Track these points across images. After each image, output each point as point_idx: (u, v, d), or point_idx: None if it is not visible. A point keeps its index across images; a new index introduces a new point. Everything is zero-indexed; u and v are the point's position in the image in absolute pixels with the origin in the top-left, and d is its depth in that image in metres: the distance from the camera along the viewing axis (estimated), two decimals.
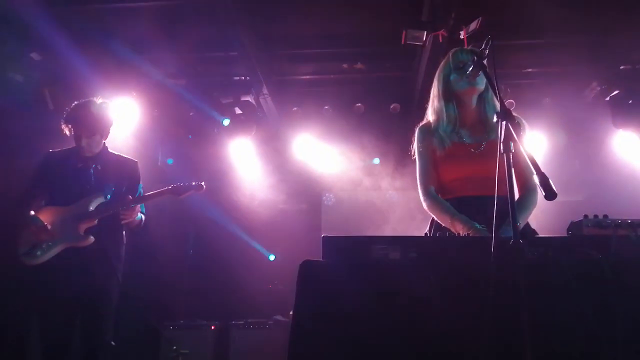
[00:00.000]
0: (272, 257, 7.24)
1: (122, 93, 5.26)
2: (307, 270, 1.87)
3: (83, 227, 3.25)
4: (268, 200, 7.52)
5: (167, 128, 6.12)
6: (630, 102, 5.31)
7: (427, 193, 2.45)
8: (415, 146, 2.57)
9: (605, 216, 1.82)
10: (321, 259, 1.88)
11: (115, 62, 5.05)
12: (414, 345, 1.74)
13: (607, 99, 5.46)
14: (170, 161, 6.39)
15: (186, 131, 6.33)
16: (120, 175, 3.45)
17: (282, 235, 7.30)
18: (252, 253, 7.22)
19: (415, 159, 2.56)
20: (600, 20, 4.65)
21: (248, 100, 5.64)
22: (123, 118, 5.23)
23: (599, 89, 5.50)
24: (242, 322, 5.48)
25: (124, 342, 3.70)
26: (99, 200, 3.33)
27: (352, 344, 1.77)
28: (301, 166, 7.06)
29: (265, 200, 7.43)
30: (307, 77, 5.89)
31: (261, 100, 5.85)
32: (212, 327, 5.42)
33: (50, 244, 3.20)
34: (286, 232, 7.33)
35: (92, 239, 3.23)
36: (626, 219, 1.77)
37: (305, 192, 7.86)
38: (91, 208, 3.29)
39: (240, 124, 5.62)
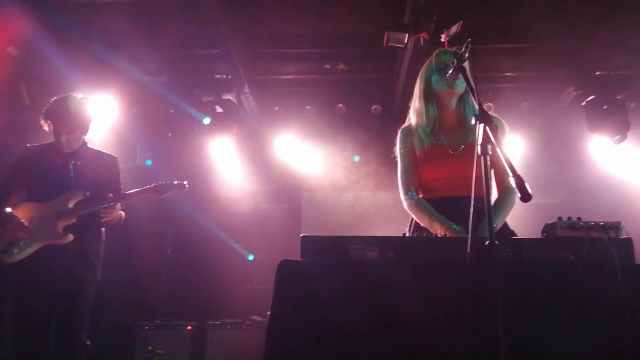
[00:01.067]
0: (251, 257, 7.20)
1: (100, 89, 5.18)
2: (285, 270, 1.86)
3: (62, 224, 3.19)
4: (248, 199, 7.47)
5: (147, 125, 6.04)
6: (604, 107, 5.42)
7: (407, 193, 2.47)
8: (397, 147, 2.59)
9: (579, 219, 1.85)
10: (300, 259, 1.88)
11: (94, 58, 4.96)
12: (392, 344, 1.75)
13: (583, 103, 5.56)
14: (149, 162, 6.30)
15: (166, 129, 6.25)
16: (100, 172, 3.39)
17: (261, 235, 7.26)
18: (231, 253, 7.17)
19: (397, 160, 2.59)
20: (578, 27, 4.74)
21: (229, 99, 5.60)
22: (101, 114, 5.15)
23: (575, 94, 5.61)
24: (219, 322, 5.44)
25: (99, 342, 3.64)
26: (79, 197, 3.27)
27: (329, 343, 1.77)
28: (282, 166, 7.04)
29: (245, 200, 7.39)
30: (290, 76, 5.88)
31: (242, 99, 5.82)
32: (189, 327, 5.37)
33: (27, 241, 3.13)
34: (266, 232, 7.30)
35: (71, 236, 3.18)
36: (599, 222, 1.81)
37: (286, 192, 7.84)
38: (70, 205, 3.23)
39: (221, 122, 5.57)
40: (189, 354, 5.32)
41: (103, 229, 3.41)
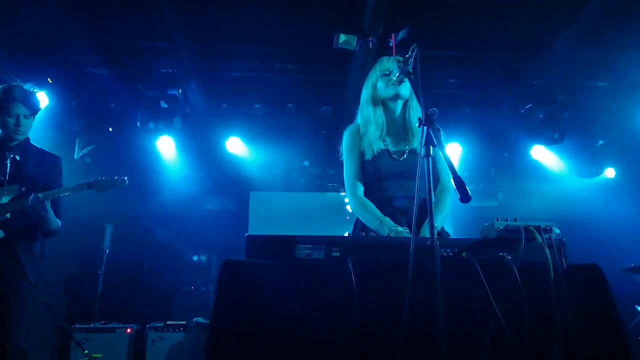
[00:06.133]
0: (195, 258, 7.05)
1: (36, 79, 4.89)
2: (229, 269, 1.83)
3: None
4: (194, 198, 7.32)
5: (86, 119, 5.78)
6: (540, 116, 5.71)
7: (353, 194, 2.52)
8: (343, 147, 2.62)
9: (515, 220, 1.93)
10: (244, 259, 1.86)
11: (29, 44, 4.68)
12: (335, 343, 1.75)
13: (522, 111, 5.84)
14: (87, 159, 6.02)
15: (106, 123, 6.01)
16: (40, 169, 3.24)
17: (207, 235, 7.14)
18: (175, 253, 7.00)
19: (342, 160, 2.62)
20: (517, 37, 4.96)
21: (175, 94, 5.45)
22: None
23: (514, 102, 5.87)
24: (161, 324, 5.27)
25: (31, 346, 3.45)
26: (14, 192, 3.09)
27: (272, 344, 1.75)
28: (229, 165, 6.94)
29: (190, 199, 7.23)
30: (239, 74, 5.78)
31: (189, 95, 5.68)
32: (128, 330, 5.17)
33: None
34: (212, 232, 7.18)
35: (1, 233, 2.99)
36: (534, 224, 1.89)
37: (233, 192, 7.75)
38: (4, 200, 3.05)
39: (166, 118, 5.41)
40: (128, 358, 5.13)
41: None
